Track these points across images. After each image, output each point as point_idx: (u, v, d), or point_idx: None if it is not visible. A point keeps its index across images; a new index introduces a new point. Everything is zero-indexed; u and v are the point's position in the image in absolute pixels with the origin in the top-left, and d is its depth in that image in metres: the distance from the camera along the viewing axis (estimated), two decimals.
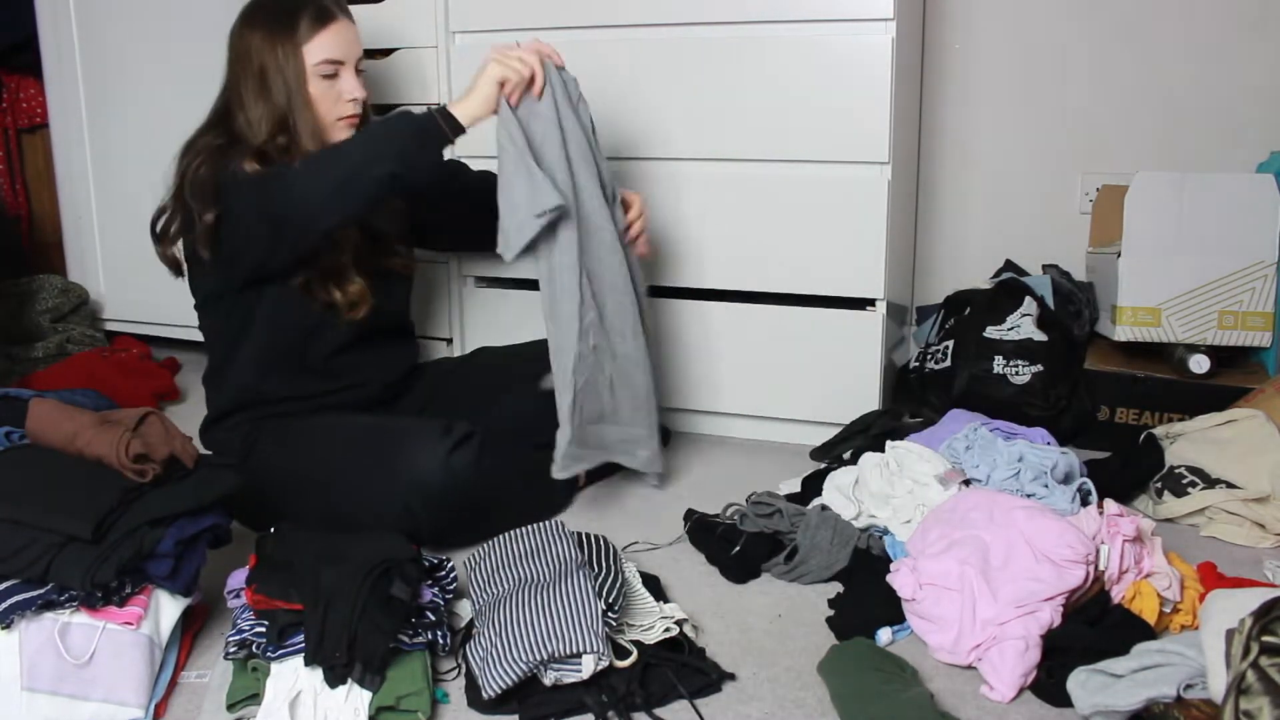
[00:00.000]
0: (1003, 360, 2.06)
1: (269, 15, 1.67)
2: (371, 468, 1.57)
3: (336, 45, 1.67)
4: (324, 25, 1.67)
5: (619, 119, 2.05)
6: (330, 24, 1.67)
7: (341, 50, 1.68)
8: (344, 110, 1.69)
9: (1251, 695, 0.95)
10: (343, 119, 1.69)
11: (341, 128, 1.70)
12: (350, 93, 1.69)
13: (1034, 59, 2.36)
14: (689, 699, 1.21)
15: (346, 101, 1.69)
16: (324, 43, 1.66)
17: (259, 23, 1.66)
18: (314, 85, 1.66)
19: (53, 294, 2.64)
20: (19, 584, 1.16)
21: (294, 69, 1.64)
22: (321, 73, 1.66)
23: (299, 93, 1.64)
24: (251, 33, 1.66)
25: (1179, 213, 2.01)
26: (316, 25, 1.66)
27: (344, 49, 1.68)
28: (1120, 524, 1.38)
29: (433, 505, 1.53)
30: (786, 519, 1.59)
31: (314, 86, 1.66)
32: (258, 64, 1.64)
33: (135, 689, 1.18)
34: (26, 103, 2.95)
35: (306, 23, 1.65)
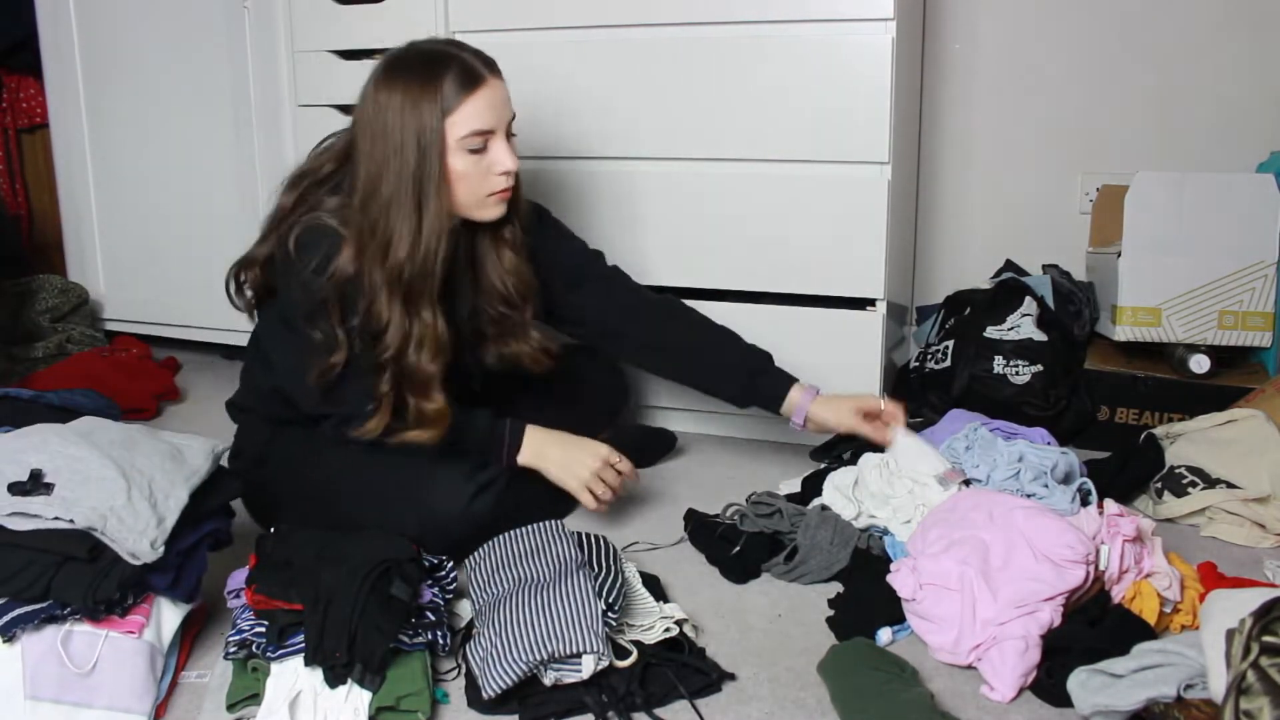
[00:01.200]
0: (1003, 360, 2.06)
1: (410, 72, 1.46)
2: (391, 499, 1.53)
3: (487, 112, 1.47)
4: (473, 89, 1.46)
5: (619, 119, 2.05)
6: (479, 88, 1.46)
7: (492, 117, 1.47)
8: (494, 185, 1.51)
9: (1252, 695, 0.95)
10: (493, 194, 1.52)
11: (492, 204, 1.53)
12: (501, 164, 1.50)
13: (1034, 59, 2.36)
14: (689, 699, 1.21)
15: (497, 175, 1.51)
16: (474, 110, 1.46)
17: (398, 81, 1.45)
18: (458, 163, 1.47)
19: (53, 294, 2.64)
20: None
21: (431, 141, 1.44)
22: (467, 147, 1.47)
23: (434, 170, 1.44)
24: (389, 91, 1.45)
25: (1179, 213, 2.01)
26: (465, 90, 1.45)
27: (495, 114, 1.48)
28: (1120, 524, 1.38)
29: (448, 541, 1.48)
30: (786, 519, 1.59)
31: (458, 165, 1.47)
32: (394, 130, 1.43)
33: (138, 695, 1.18)
34: (26, 103, 2.95)
35: (452, 87, 1.45)
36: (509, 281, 1.63)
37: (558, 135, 2.10)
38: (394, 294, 1.47)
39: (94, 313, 2.74)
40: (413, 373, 1.50)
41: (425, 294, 1.49)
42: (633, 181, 2.07)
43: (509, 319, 1.65)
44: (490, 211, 1.55)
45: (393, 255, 1.45)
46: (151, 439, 1.34)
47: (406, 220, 1.45)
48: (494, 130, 1.49)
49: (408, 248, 1.45)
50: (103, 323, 2.76)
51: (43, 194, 2.97)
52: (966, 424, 1.69)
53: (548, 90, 2.08)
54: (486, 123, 1.48)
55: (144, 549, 1.19)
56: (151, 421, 2.28)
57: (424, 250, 1.46)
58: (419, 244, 1.46)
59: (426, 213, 1.46)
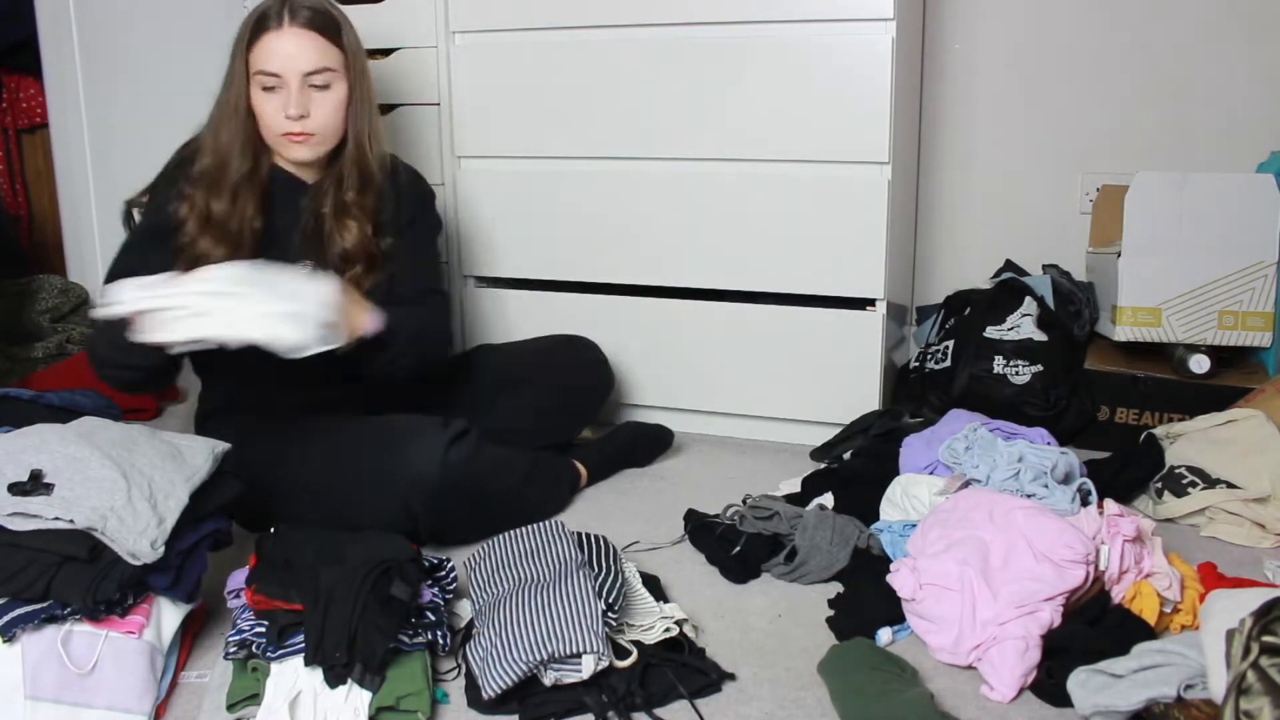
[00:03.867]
0: (1003, 360, 2.06)
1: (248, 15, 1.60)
2: (369, 465, 1.56)
3: (274, 58, 1.56)
4: (264, 31, 1.56)
5: (619, 119, 2.05)
6: (268, 31, 1.56)
7: (279, 64, 1.56)
8: (284, 127, 1.58)
9: (1252, 695, 0.95)
10: (286, 135, 1.59)
11: (286, 145, 1.60)
12: (288, 107, 1.56)
13: (1034, 59, 2.36)
14: (689, 699, 1.21)
15: (284, 118, 1.57)
16: (263, 51, 1.56)
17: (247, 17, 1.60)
18: (256, 96, 1.58)
19: (53, 294, 2.64)
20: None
21: (238, 71, 1.58)
22: (260, 84, 1.57)
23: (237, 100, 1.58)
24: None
25: (1179, 213, 2.01)
26: (260, 30, 1.57)
27: (283, 62, 1.56)
28: (1120, 524, 1.38)
29: (431, 501, 1.53)
30: (785, 520, 1.59)
31: (256, 98, 1.58)
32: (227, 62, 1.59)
33: (138, 696, 1.18)
34: (26, 103, 2.95)
35: (256, 24, 1.57)
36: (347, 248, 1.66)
37: (557, 135, 2.10)
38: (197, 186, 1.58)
39: None
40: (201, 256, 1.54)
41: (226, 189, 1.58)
42: (632, 182, 2.07)
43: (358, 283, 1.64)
44: (289, 151, 1.62)
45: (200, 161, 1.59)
46: (151, 439, 1.34)
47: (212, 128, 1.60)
48: (281, 75, 1.56)
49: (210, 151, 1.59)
50: None
51: (43, 194, 2.97)
52: (966, 424, 1.69)
53: (547, 90, 2.08)
54: (272, 66, 1.56)
55: (144, 549, 1.19)
56: (151, 421, 2.28)
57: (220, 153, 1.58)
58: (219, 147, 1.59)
59: (226, 124, 1.59)
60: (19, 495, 1.18)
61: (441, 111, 2.16)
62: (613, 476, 1.94)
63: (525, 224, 2.16)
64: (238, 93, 1.58)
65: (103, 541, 1.18)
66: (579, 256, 2.15)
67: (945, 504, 1.49)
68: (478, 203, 2.19)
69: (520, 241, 2.18)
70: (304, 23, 1.57)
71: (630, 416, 2.20)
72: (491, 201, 2.17)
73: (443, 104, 2.16)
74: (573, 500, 1.84)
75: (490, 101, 2.12)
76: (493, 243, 2.19)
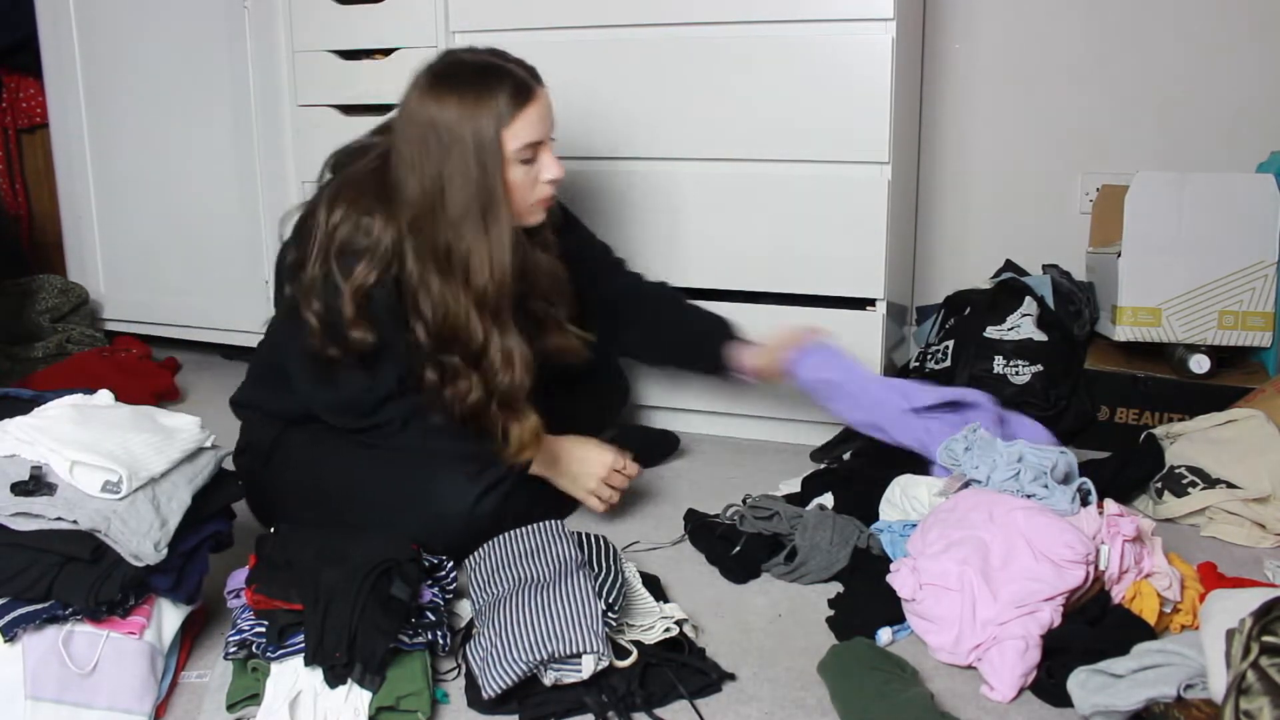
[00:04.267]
0: (1003, 360, 2.06)
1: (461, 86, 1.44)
2: (396, 500, 1.54)
3: (539, 125, 1.47)
4: (527, 103, 1.45)
5: (617, 120, 2.05)
6: (532, 101, 1.46)
7: (542, 129, 1.48)
8: (542, 194, 1.52)
9: (1252, 695, 0.95)
10: (539, 201, 1.52)
11: (537, 211, 1.54)
12: (550, 172, 1.50)
13: (1034, 59, 2.36)
14: (689, 699, 1.21)
15: (545, 183, 1.51)
16: (528, 123, 1.45)
17: (449, 95, 1.44)
18: (512, 173, 1.46)
19: (53, 294, 2.64)
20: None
21: (494, 157, 1.43)
22: (522, 158, 1.47)
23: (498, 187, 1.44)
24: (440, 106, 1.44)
25: (1179, 213, 2.01)
26: (518, 103, 1.45)
27: (545, 125, 1.48)
28: (1120, 524, 1.38)
29: (451, 543, 1.48)
30: (785, 521, 1.59)
31: (512, 174, 1.46)
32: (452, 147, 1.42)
33: (138, 696, 1.18)
34: (26, 103, 2.95)
35: (506, 101, 1.44)
36: (545, 282, 1.64)
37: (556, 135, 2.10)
38: (484, 314, 1.47)
39: (94, 313, 2.74)
40: (507, 391, 1.50)
41: (506, 310, 1.50)
42: (631, 182, 2.07)
43: (548, 316, 1.66)
44: (534, 218, 1.55)
45: (476, 277, 1.45)
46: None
47: (480, 239, 1.45)
48: (543, 140, 1.50)
49: (488, 268, 1.45)
50: (103, 323, 2.77)
51: (43, 194, 2.98)
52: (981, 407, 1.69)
53: None
54: (538, 134, 1.48)
55: (147, 550, 1.19)
56: None
57: (499, 267, 1.46)
58: (496, 262, 1.46)
59: (495, 228, 1.45)
60: (22, 495, 1.18)
61: None
62: None
63: None
64: (498, 180, 1.44)
65: (105, 542, 1.18)
66: None
67: (945, 504, 1.49)
68: None
69: None
70: (542, 80, 1.51)
71: (632, 417, 2.20)
72: None
73: None
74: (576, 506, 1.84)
75: None
76: None
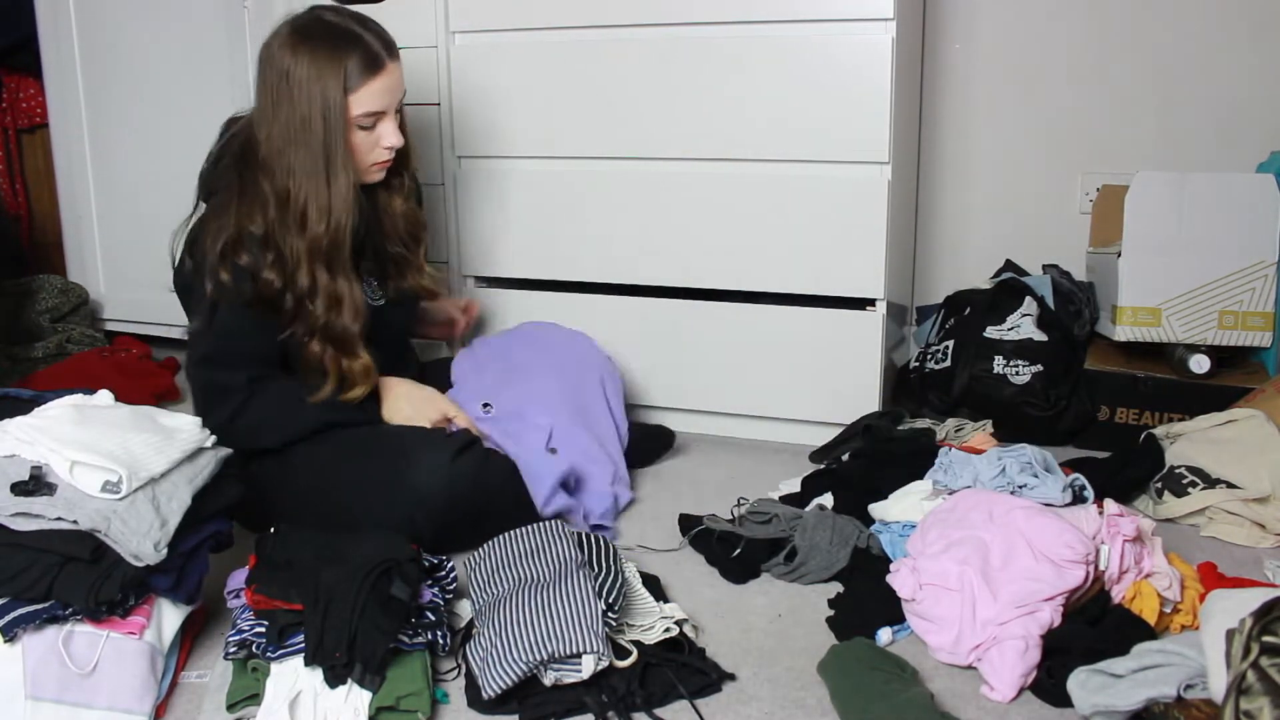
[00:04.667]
0: (1003, 360, 2.06)
1: (316, 44, 1.52)
2: (374, 476, 1.56)
3: (382, 96, 1.56)
4: (374, 74, 1.55)
5: (617, 119, 2.05)
6: (379, 73, 1.55)
7: (386, 100, 1.57)
8: (378, 158, 1.61)
9: (1252, 695, 0.95)
10: (376, 165, 1.62)
11: (371, 173, 1.64)
12: (388, 141, 1.60)
13: (1034, 59, 2.36)
14: (689, 699, 1.21)
15: (383, 149, 1.61)
16: (371, 93, 1.55)
17: (304, 51, 1.52)
18: (354, 135, 1.56)
19: (53, 294, 2.64)
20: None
21: (337, 118, 1.52)
22: (362, 124, 1.56)
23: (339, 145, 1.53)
24: (295, 59, 1.52)
25: (1179, 213, 2.01)
26: (367, 73, 1.54)
27: (389, 98, 1.58)
28: (1120, 524, 1.38)
29: (435, 513, 1.53)
30: (784, 522, 1.59)
31: (354, 136, 1.56)
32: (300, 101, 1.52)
33: (138, 696, 1.18)
34: (26, 103, 2.95)
35: (355, 68, 1.53)
36: (401, 224, 1.75)
37: (557, 135, 2.10)
38: (315, 262, 1.55)
39: (94, 313, 2.74)
40: (339, 334, 1.58)
41: (342, 261, 1.58)
42: (631, 181, 2.07)
43: (405, 258, 1.77)
44: (372, 178, 1.65)
45: (311, 228, 1.54)
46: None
47: (319, 189, 1.54)
48: (385, 111, 1.58)
49: (324, 222, 1.54)
50: (103, 323, 2.77)
51: (43, 194, 2.98)
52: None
53: (547, 90, 2.08)
54: (382, 105, 1.57)
55: (147, 551, 1.19)
56: None
57: (335, 223, 1.55)
58: (331, 217, 1.55)
59: (335, 185, 1.54)
60: (22, 495, 1.18)
61: (441, 111, 2.16)
62: None
63: (525, 224, 2.16)
64: (337, 139, 1.53)
65: (105, 542, 1.18)
66: (579, 256, 2.15)
67: (945, 504, 1.49)
68: (478, 203, 2.18)
69: (520, 241, 2.18)
70: (396, 53, 1.59)
71: (630, 416, 2.19)
72: (491, 201, 2.17)
73: (443, 104, 2.16)
74: None
75: (490, 101, 2.12)
76: (493, 243, 2.20)
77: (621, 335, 2.11)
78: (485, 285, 2.25)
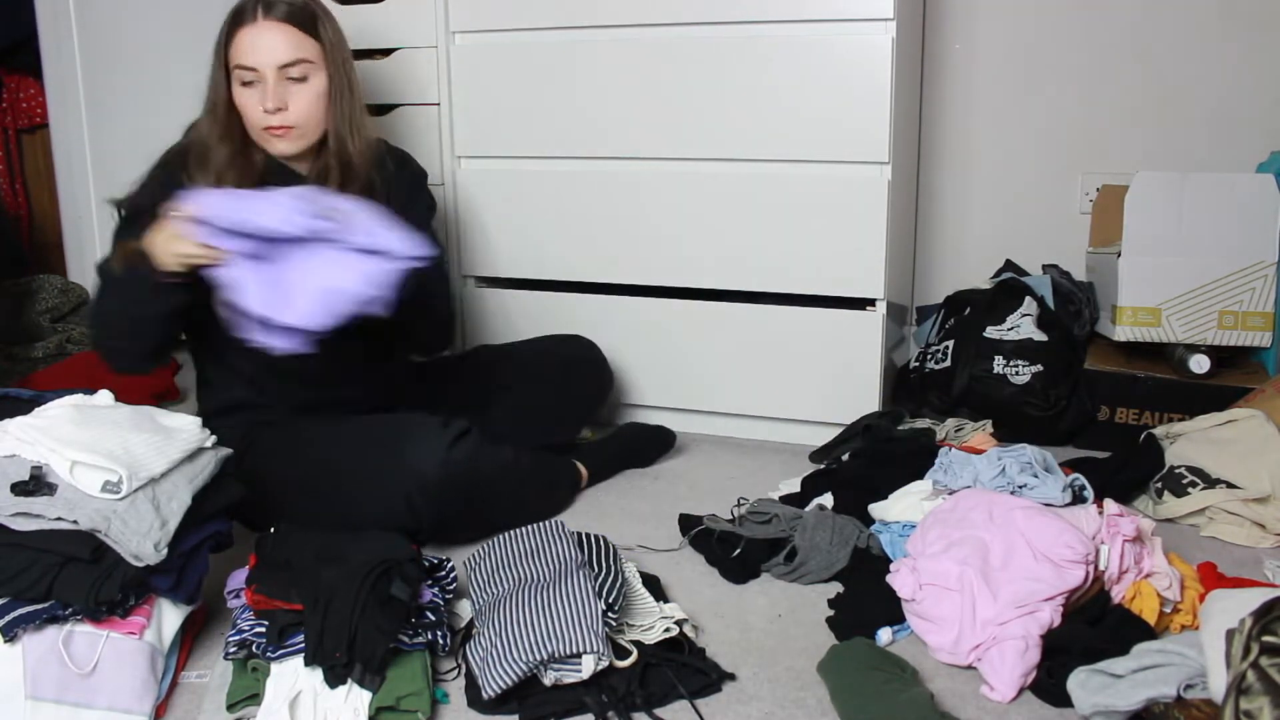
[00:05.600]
0: (1003, 360, 2.06)
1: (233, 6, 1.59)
2: (372, 464, 1.57)
3: (252, 53, 1.55)
4: (240, 25, 1.56)
5: (618, 119, 2.05)
6: (245, 25, 1.56)
7: (256, 58, 1.55)
8: (265, 121, 1.58)
9: (1252, 695, 0.95)
10: (267, 129, 1.59)
11: (268, 139, 1.60)
12: (265, 102, 1.56)
13: (1034, 59, 2.36)
14: (689, 699, 1.21)
15: (265, 113, 1.57)
16: (239, 45, 1.56)
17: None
18: (237, 92, 1.58)
19: (53, 294, 2.64)
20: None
21: (219, 61, 1.58)
22: (239, 79, 1.57)
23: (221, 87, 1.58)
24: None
25: (1179, 213, 2.01)
26: (236, 23, 1.57)
27: (260, 57, 1.55)
28: (1120, 524, 1.38)
29: (432, 499, 1.53)
30: (784, 522, 1.59)
31: (237, 93, 1.58)
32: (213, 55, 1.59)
33: (138, 696, 1.18)
34: (26, 103, 2.95)
35: (233, 17, 1.57)
36: None
37: (557, 135, 2.10)
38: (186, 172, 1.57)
39: None
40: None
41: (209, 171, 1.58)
42: (631, 181, 2.07)
43: None
44: (272, 146, 1.61)
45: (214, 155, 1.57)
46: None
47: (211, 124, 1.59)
48: (258, 70, 1.55)
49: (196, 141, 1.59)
50: None
51: (43, 194, 2.98)
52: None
53: (548, 90, 2.08)
54: (250, 61, 1.55)
55: (147, 551, 1.19)
56: None
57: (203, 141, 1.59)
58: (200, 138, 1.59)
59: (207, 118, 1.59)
60: (22, 495, 1.18)
61: (441, 111, 2.16)
62: (613, 477, 1.94)
63: (525, 224, 2.16)
64: (217, 89, 1.59)
65: (105, 542, 1.18)
66: (579, 256, 2.15)
67: (945, 504, 1.49)
68: (478, 203, 2.19)
69: (520, 241, 2.18)
70: (279, 16, 1.57)
71: (630, 417, 2.20)
72: (491, 201, 2.18)
73: (443, 104, 2.16)
74: (573, 500, 1.84)
75: (490, 101, 2.12)
76: (493, 243, 2.20)
77: (621, 335, 2.12)
78: (485, 285, 2.25)
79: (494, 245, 2.20)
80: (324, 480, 1.59)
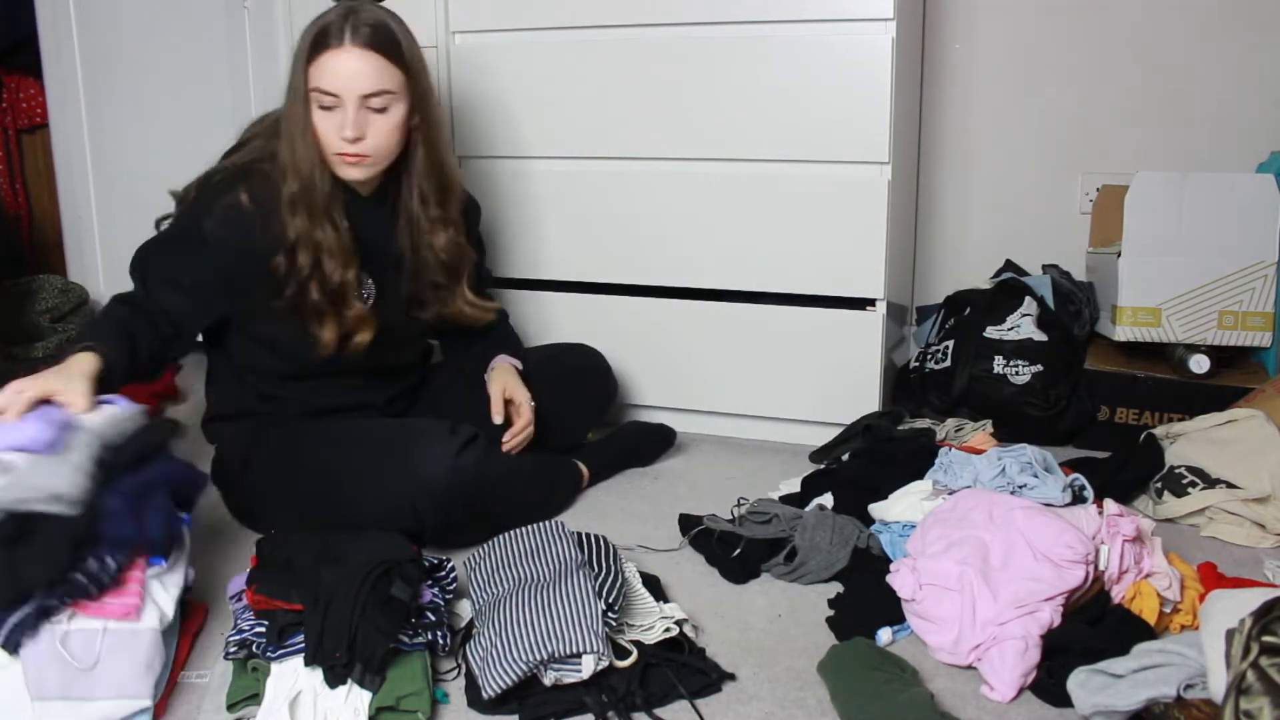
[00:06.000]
0: (1003, 360, 2.06)
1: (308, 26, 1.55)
2: (379, 469, 1.56)
3: (334, 77, 1.50)
4: (323, 50, 1.51)
5: (618, 119, 2.05)
6: (327, 50, 1.50)
7: (337, 83, 1.51)
8: (339, 148, 1.54)
9: (1251, 695, 0.95)
10: (340, 155, 1.55)
11: (339, 163, 1.56)
12: (344, 131, 1.52)
13: (1034, 59, 2.36)
14: (689, 699, 1.21)
15: (340, 139, 1.53)
16: (320, 69, 1.51)
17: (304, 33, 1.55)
18: (314, 113, 1.53)
19: (53, 294, 2.64)
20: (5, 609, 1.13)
21: (299, 82, 1.53)
22: (317, 102, 1.53)
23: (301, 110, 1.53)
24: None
25: (1179, 213, 2.01)
26: (318, 47, 1.51)
27: (342, 82, 1.51)
28: (1120, 524, 1.38)
29: (439, 505, 1.52)
30: (784, 522, 1.59)
31: (314, 115, 1.53)
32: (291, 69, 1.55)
33: (142, 679, 1.17)
34: (26, 103, 2.95)
35: (312, 39, 1.52)
36: (444, 256, 1.72)
37: (557, 135, 2.10)
38: (295, 213, 1.54)
39: (94, 313, 2.74)
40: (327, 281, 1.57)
41: (321, 212, 1.56)
42: (632, 181, 2.07)
43: (445, 287, 1.75)
44: (343, 171, 1.58)
45: (288, 184, 1.55)
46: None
47: (288, 149, 1.55)
48: (339, 96, 1.52)
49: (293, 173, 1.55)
50: None
51: (43, 194, 2.98)
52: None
53: (548, 90, 2.08)
54: (328, 85, 1.51)
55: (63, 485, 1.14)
56: None
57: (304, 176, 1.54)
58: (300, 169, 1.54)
59: (298, 143, 1.54)
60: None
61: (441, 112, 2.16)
62: (614, 476, 1.94)
63: (525, 224, 2.16)
64: (302, 109, 1.54)
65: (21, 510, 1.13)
66: (579, 256, 2.15)
67: (945, 504, 1.49)
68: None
69: (520, 241, 2.18)
70: (365, 42, 1.51)
71: (631, 416, 2.20)
72: (491, 201, 2.17)
73: (443, 104, 2.16)
74: (574, 500, 1.84)
75: (490, 101, 2.12)
76: (493, 243, 2.19)
77: (621, 335, 2.12)
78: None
79: (494, 246, 2.20)
80: (329, 483, 1.58)
